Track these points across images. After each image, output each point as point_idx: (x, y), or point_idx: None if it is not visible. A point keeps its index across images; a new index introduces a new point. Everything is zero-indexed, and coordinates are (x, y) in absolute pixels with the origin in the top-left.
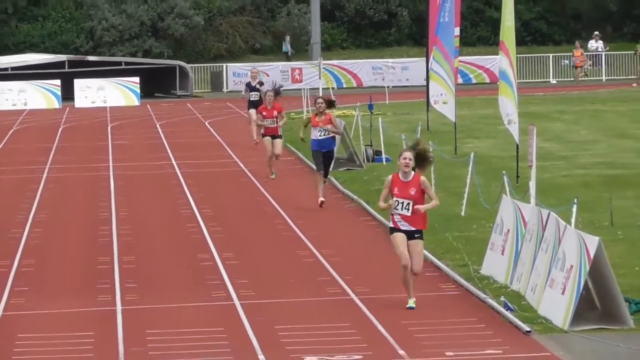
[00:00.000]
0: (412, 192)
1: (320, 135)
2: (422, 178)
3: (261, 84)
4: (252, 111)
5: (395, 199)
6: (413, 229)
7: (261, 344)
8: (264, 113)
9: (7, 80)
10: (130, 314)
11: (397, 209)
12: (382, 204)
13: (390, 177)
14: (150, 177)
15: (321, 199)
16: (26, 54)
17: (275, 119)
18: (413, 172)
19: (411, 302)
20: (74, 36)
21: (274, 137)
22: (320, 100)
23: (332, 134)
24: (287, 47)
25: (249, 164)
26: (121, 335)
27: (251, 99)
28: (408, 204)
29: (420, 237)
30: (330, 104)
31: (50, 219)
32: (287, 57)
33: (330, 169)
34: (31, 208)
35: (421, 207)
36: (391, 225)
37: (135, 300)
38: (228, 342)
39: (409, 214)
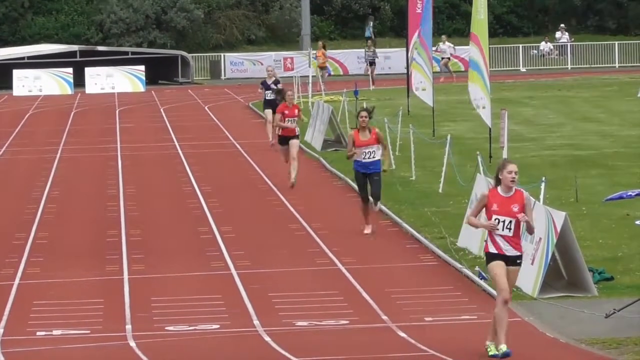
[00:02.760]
0: (515, 209)
1: (365, 158)
2: (526, 193)
3: (277, 82)
4: (268, 112)
5: (494, 217)
6: (517, 253)
7: (256, 309)
8: (286, 112)
9: (24, 68)
10: (136, 283)
11: (497, 229)
12: (472, 220)
13: (486, 191)
14: (154, 157)
15: (366, 231)
16: (41, 45)
17: (295, 119)
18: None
19: (503, 348)
20: (85, 28)
21: (291, 138)
22: (363, 113)
23: (378, 157)
24: (369, 31)
25: (244, 145)
26: (128, 302)
27: (267, 97)
28: (510, 222)
29: (521, 264)
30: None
31: (63, 195)
32: (372, 42)
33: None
34: (46, 185)
35: (526, 218)
36: (493, 250)
37: (141, 270)
38: (226, 308)
39: (511, 234)
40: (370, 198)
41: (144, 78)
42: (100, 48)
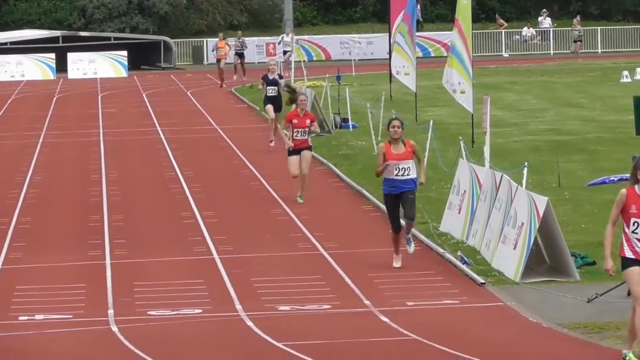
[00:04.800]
0: None
1: (397, 175)
2: None
3: (280, 77)
4: (270, 107)
5: (633, 219)
6: None
7: (238, 294)
8: (294, 121)
9: (6, 54)
10: (118, 268)
11: (638, 232)
12: (608, 233)
13: (623, 191)
14: (137, 142)
15: (396, 264)
16: (23, 30)
17: (306, 130)
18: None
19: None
20: (68, 14)
21: (302, 149)
22: (396, 122)
23: (414, 174)
24: (417, 14)
25: (227, 130)
26: (110, 287)
27: (268, 94)
28: None
29: None
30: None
31: (46, 180)
32: (420, 25)
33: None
34: (28, 170)
35: None
36: (630, 255)
37: (124, 254)
38: (208, 292)
39: None
40: (402, 222)
41: (126, 63)
42: (83, 33)
